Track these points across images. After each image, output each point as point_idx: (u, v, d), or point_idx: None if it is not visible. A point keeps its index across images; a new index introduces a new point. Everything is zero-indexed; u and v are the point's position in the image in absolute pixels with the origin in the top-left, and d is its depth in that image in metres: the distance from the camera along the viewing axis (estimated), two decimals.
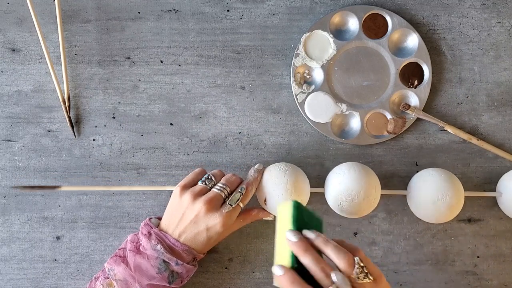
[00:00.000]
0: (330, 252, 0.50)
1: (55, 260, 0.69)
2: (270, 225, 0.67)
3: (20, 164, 0.69)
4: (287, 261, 0.50)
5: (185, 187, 0.61)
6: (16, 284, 0.69)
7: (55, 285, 0.69)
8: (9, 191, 0.69)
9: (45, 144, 0.69)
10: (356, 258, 0.50)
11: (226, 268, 0.69)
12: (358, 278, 0.49)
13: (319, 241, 0.50)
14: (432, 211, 0.63)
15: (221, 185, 0.61)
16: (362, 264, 0.50)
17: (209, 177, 0.62)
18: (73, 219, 0.69)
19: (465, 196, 0.64)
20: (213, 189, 0.60)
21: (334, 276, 0.48)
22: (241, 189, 0.61)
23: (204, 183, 0.61)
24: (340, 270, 0.49)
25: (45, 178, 0.69)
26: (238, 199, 0.60)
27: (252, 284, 0.69)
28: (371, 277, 0.50)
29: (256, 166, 0.63)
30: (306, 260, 0.49)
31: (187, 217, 0.59)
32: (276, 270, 0.49)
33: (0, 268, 0.69)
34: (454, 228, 0.69)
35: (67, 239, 0.69)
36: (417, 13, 0.70)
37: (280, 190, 0.61)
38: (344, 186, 0.62)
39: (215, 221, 0.59)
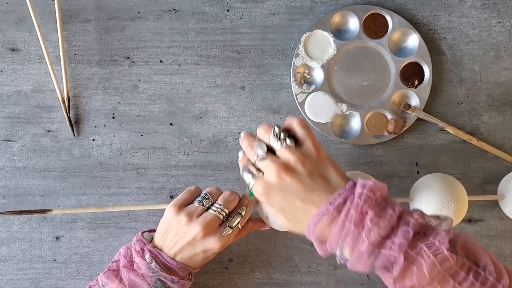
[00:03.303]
0: (257, 131, 0.53)
1: (54, 260, 0.69)
2: None
3: (20, 164, 0.69)
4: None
5: (180, 207, 0.59)
6: (15, 284, 0.68)
7: (54, 285, 0.68)
8: (9, 191, 0.69)
9: (45, 144, 0.69)
10: (274, 126, 0.51)
11: (226, 268, 0.69)
12: (277, 142, 0.50)
13: (257, 130, 0.53)
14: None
15: (218, 205, 0.59)
16: (277, 131, 0.50)
17: (206, 196, 0.60)
18: (73, 219, 0.69)
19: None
20: (210, 211, 0.58)
21: (254, 146, 0.51)
22: (241, 211, 0.60)
23: (201, 203, 0.59)
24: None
25: (44, 178, 0.69)
26: (238, 222, 0.59)
27: (252, 284, 0.69)
28: (288, 141, 0.50)
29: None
30: (242, 145, 0.53)
31: (184, 239, 0.58)
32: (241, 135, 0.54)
33: (0, 268, 0.69)
34: (455, 228, 0.69)
35: (67, 239, 0.69)
36: (418, 13, 0.70)
37: None
38: None
39: (213, 244, 0.58)
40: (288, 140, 0.50)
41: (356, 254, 0.46)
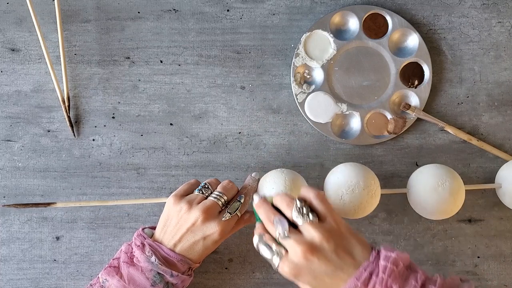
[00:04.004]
0: (276, 200, 0.54)
1: (54, 260, 0.69)
2: None
3: (20, 164, 0.69)
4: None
5: (181, 197, 0.60)
6: (15, 284, 0.68)
7: (54, 285, 0.68)
8: (9, 191, 0.69)
9: (45, 144, 0.69)
10: (296, 200, 0.51)
11: (226, 268, 0.69)
12: (300, 218, 0.50)
13: (274, 197, 0.54)
14: (435, 199, 0.62)
15: (217, 193, 0.60)
16: (299, 205, 0.51)
17: (206, 185, 0.61)
18: (73, 219, 0.69)
19: (465, 196, 0.64)
20: (210, 198, 0.59)
21: (274, 221, 0.51)
22: (240, 198, 0.60)
23: (200, 191, 0.60)
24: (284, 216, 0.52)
25: (44, 178, 0.69)
26: (238, 208, 0.60)
27: (252, 284, 0.69)
28: (310, 216, 0.50)
29: (253, 175, 0.63)
30: (259, 214, 0.54)
31: (184, 226, 0.58)
32: (254, 199, 0.56)
33: (0, 268, 0.69)
34: (455, 228, 0.69)
35: (67, 239, 0.69)
36: (417, 13, 0.70)
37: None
38: (343, 178, 0.61)
39: (213, 229, 0.58)
40: (311, 215, 0.51)
41: None
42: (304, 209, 0.51)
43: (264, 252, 0.52)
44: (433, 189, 0.62)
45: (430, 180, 0.62)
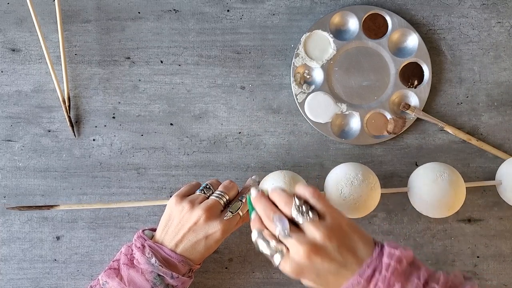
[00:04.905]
0: (273, 196, 0.53)
1: (55, 260, 0.69)
2: None
3: (20, 164, 0.69)
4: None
5: (182, 196, 0.60)
6: (16, 284, 0.69)
7: (55, 285, 0.69)
8: (9, 191, 0.69)
9: (45, 144, 0.69)
10: (295, 198, 0.51)
11: (226, 268, 0.69)
12: (300, 217, 0.50)
13: (270, 192, 0.53)
14: (435, 191, 0.62)
15: (219, 192, 0.60)
16: (298, 203, 0.50)
17: (207, 186, 0.61)
18: (73, 219, 0.69)
19: (465, 195, 0.64)
20: (212, 197, 0.60)
21: (274, 219, 0.50)
22: (242, 198, 0.60)
23: (202, 192, 0.61)
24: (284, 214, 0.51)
25: (45, 178, 0.69)
26: (239, 207, 0.60)
27: (252, 284, 0.69)
28: (310, 214, 0.50)
29: (253, 177, 0.63)
30: (257, 209, 0.53)
31: (186, 225, 0.58)
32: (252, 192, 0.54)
33: (0, 268, 0.69)
34: (454, 228, 0.69)
35: (67, 239, 0.69)
36: (417, 13, 0.70)
37: None
38: (341, 173, 0.62)
39: (215, 228, 0.58)
40: (311, 213, 0.50)
41: None
42: (304, 207, 0.50)
43: (263, 248, 0.51)
44: (432, 181, 0.62)
45: (429, 173, 0.63)
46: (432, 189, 0.62)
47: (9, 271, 0.69)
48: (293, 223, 0.51)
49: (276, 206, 0.52)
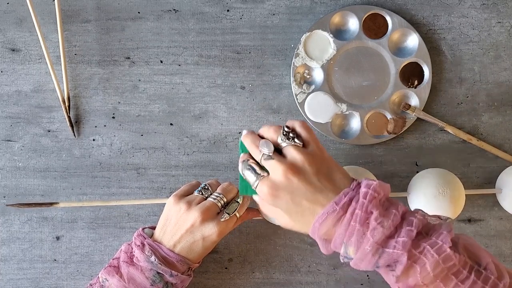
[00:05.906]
0: (263, 131, 0.53)
1: (55, 260, 0.69)
2: (270, 225, 0.67)
3: (20, 164, 0.69)
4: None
5: (180, 196, 0.60)
6: (16, 284, 0.69)
7: (55, 285, 0.69)
8: (9, 191, 0.69)
9: (45, 144, 0.69)
10: (284, 126, 0.52)
11: (226, 268, 0.69)
12: (286, 141, 0.51)
13: (261, 129, 0.54)
14: (434, 206, 0.62)
15: (217, 194, 0.60)
16: (287, 130, 0.51)
17: (206, 186, 0.61)
18: (73, 219, 0.69)
19: (465, 195, 0.64)
20: (209, 199, 0.60)
21: (259, 144, 0.51)
22: (239, 199, 0.60)
23: (200, 192, 0.61)
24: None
25: (44, 178, 0.69)
26: (236, 209, 0.60)
27: (252, 284, 0.69)
28: (297, 141, 0.51)
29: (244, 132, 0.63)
30: (245, 142, 0.53)
31: (183, 226, 0.58)
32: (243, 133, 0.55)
33: (0, 268, 0.69)
34: (454, 228, 0.69)
35: (67, 239, 0.69)
36: (417, 13, 0.70)
37: None
38: None
39: (211, 230, 0.58)
40: (296, 139, 0.51)
41: (361, 253, 0.47)
42: (291, 134, 0.51)
43: (248, 175, 0.51)
44: (433, 197, 0.62)
45: (431, 186, 0.63)
46: (431, 204, 0.63)
47: (9, 271, 0.69)
48: (278, 151, 0.51)
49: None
